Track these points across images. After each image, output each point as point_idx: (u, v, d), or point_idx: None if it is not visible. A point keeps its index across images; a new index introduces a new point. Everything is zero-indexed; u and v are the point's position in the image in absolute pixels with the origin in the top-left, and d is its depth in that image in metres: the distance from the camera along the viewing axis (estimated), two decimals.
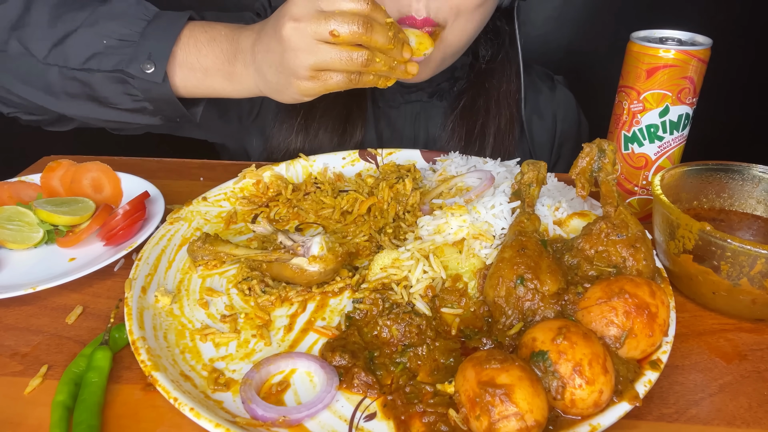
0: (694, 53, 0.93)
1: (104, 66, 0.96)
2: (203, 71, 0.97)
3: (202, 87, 1.00)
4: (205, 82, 0.99)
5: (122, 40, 0.95)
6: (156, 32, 0.96)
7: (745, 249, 0.75)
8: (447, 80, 1.32)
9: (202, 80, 0.98)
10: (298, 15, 0.83)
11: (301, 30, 0.83)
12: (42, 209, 0.99)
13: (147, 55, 0.94)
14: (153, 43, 0.95)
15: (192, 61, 0.97)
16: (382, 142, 1.36)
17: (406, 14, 1.08)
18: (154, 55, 0.95)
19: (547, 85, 1.44)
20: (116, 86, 0.98)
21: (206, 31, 0.98)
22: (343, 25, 0.82)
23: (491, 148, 1.29)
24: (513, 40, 1.31)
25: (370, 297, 0.81)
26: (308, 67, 0.85)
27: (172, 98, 0.99)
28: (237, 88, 0.99)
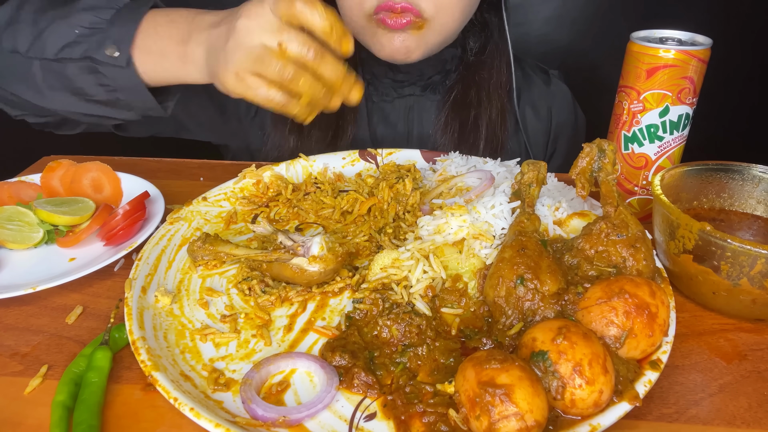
0: (694, 53, 0.93)
1: (75, 54, 0.96)
2: (160, 53, 0.95)
3: (160, 71, 0.97)
4: (162, 65, 0.96)
5: (92, 28, 0.97)
6: (121, 19, 0.97)
7: (745, 249, 0.75)
8: (439, 73, 1.33)
9: (159, 63, 0.96)
10: (256, 14, 0.81)
11: (251, 29, 0.81)
12: (42, 209, 0.99)
13: (112, 41, 0.95)
14: (117, 28, 0.96)
15: (149, 44, 0.96)
16: (377, 136, 1.36)
17: (385, 2, 1.09)
18: (117, 39, 0.95)
19: (541, 78, 1.44)
20: (89, 77, 0.98)
21: (167, 15, 0.97)
22: (293, 42, 0.80)
23: (484, 140, 1.30)
24: (502, 31, 1.32)
25: (370, 297, 0.81)
26: (240, 65, 0.83)
27: (139, 85, 0.98)
28: (190, 71, 0.95)
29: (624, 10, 2.12)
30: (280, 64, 0.80)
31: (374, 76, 1.32)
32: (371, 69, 1.31)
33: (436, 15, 1.12)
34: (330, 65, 0.82)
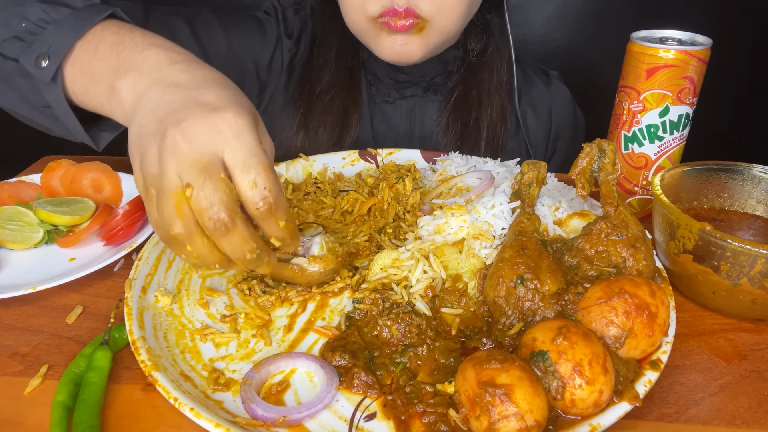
0: (694, 53, 0.93)
1: (11, 52, 0.80)
2: (91, 76, 0.77)
3: (87, 97, 0.79)
4: (89, 91, 0.78)
5: (38, 26, 0.80)
6: (68, 22, 0.79)
7: (745, 249, 0.75)
8: (440, 74, 1.33)
9: (88, 88, 0.78)
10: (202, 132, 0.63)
11: (177, 145, 0.63)
12: (42, 209, 0.99)
13: (47, 47, 0.78)
14: (57, 34, 0.78)
15: (84, 62, 0.77)
16: (378, 137, 1.37)
17: (388, 7, 1.10)
18: (52, 48, 0.77)
19: (541, 79, 1.44)
20: (23, 80, 0.82)
21: (118, 32, 0.77)
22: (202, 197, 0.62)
23: (485, 141, 1.30)
24: (503, 31, 1.32)
25: (370, 297, 0.81)
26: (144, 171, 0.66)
27: (63, 104, 0.80)
28: (114, 109, 0.75)
29: (624, 10, 2.12)
30: (169, 201, 0.63)
31: (376, 77, 1.32)
32: (373, 70, 1.31)
33: (437, 16, 1.12)
34: (234, 244, 0.65)
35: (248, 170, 0.63)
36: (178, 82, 0.69)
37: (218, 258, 0.67)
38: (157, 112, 0.66)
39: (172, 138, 0.63)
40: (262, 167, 0.64)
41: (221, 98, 0.67)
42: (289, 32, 1.34)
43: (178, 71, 0.70)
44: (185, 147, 0.62)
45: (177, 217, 0.63)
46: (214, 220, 0.62)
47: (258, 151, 0.64)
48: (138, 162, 0.67)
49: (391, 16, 1.10)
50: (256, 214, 0.65)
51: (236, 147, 0.63)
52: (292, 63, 1.35)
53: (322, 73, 1.30)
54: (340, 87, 1.29)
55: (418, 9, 1.10)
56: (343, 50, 1.30)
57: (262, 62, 1.32)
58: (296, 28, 1.35)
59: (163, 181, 0.63)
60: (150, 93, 0.68)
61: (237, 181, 0.63)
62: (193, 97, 0.66)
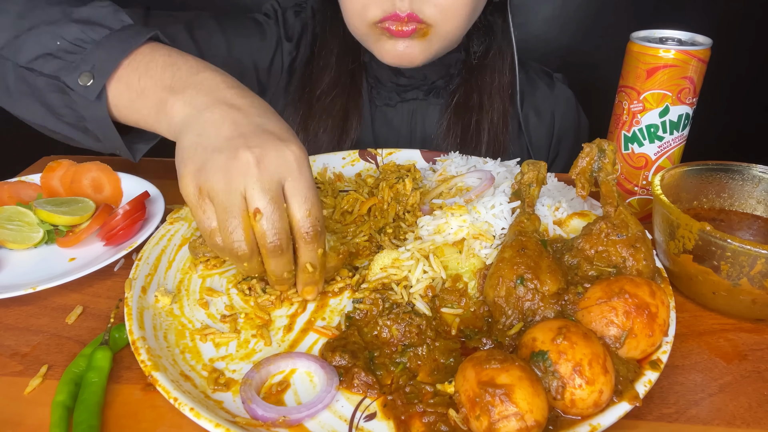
0: (694, 53, 0.93)
1: (47, 68, 0.84)
2: (139, 92, 0.81)
3: (132, 111, 0.83)
4: (135, 105, 0.82)
5: (76, 45, 0.83)
6: (110, 43, 0.82)
7: (745, 249, 0.75)
8: (442, 77, 1.32)
9: (134, 101, 0.81)
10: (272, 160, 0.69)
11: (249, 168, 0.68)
12: (42, 209, 0.99)
13: (90, 66, 0.81)
14: (101, 53, 0.82)
15: (133, 79, 0.81)
16: (379, 140, 1.36)
17: (390, 12, 1.09)
18: (97, 66, 0.81)
19: (545, 82, 1.44)
20: (57, 95, 0.85)
21: (169, 56, 0.82)
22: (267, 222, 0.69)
23: (486, 144, 1.30)
24: (506, 34, 1.32)
25: (370, 297, 0.81)
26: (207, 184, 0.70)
27: (106, 121, 0.84)
28: (161, 122, 0.79)
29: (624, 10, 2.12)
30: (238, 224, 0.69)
31: (377, 80, 1.32)
32: (375, 73, 1.31)
33: (441, 21, 1.11)
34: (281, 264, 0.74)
35: (306, 202, 0.71)
36: (239, 106, 0.74)
37: (261, 271, 0.75)
38: (221, 129, 0.72)
39: (246, 159, 0.68)
40: (316, 200, 0.73)
41: (282, 129, 0.74)
42: (290, 35, 1.34)
43: (236, 95, 0.76)
44: (256, 171, 0.68)
45: (244, 240, 0.70)
46: (275, 245, 0.71)
47: (313, 185, 0.73)
48: (193, 170, 0.71)
49: (393, 21, 1.09)
50: (303, 238, 0.73)
51: (298, 179, 0.71)
52: (292, 65, 1.34)
53: (322, 76, 1.30)
54: (340, 89, 1.29)
55: (421, 14, 1.09)
56: (344, 53, 1.30)
57: (261, 65, 1.32)
58: (296, 30, 1.34)
59: (230, 198, 0.69)
60: (211, 109, 0.73)
61: (293, 209, 0.71)
62: (258, 124, 0.73)
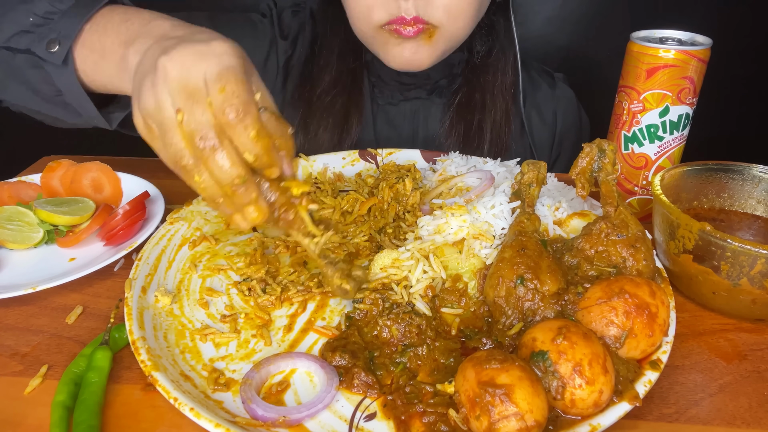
0: (694, 53, 0.93)
1: (21, 44, 0.87)
2: (101, 52, 0.82)
3: (99, 73, 0.84)
4: (101, 66, 0.83)
5: (45, 18, 0.86)
6: (75, 10, 0.85)
7: (745, 249, 0.75)
8: (445, 77, 1.33)
9: (98, 63, 0.83)
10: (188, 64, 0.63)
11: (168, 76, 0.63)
12: (42, 209, 0.99)
13: (56, 34, 0.84)
14: (66, 20, 0.84)
15: (94, 41, 0.83)
16: (381, 139, 1.36)
17: (396, 15, 1.08)
18: (62, 33, 0.84)
19: (546, 82, 1.44)
20: (34, 71, 0.88)
21: (125, 12, 0.82)
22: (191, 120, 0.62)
23: (489, 143, 1.30)
24: (509, 33, 1.32)
25: (370, 297, 0.81)
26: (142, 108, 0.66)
27: (76, 87, 0.86)
28: (124, 80, 0.77)
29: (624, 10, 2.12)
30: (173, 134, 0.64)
31: (380, 79, 1.32)
32: (377, 72, 1.31)
33: (447, 23, 1.11)
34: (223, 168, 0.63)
35: (219, 79, 0.62)
36: (177, 35, 0.71)
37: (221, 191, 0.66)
38: (153, 55, 0.67)
39: (162, 67, 0.63)
40: (233, 76, 0.63)
41: (213, 35, 0.68)
42: (285, 34, 1.34)
43: (179, 30, 0.73)
44: (173, 72, 0.63)
45: (184, 146, 0.63)
46: (204, 141, 0.62)
47: (235, 66, 0.64)
48: (136, 105, 0.67)
49: (399, 24, 1.09)
50: (224, 122, 0.62)
51: (215, 63, 0.63)
52: (287, 64, 1.34)
53: (322, 74, 1.30)
54: (341, 88, 1.29)
55: (427, 16, 1.09)
56: (345, 52, 1.30)
57: (256, 65, 1.32)
58: (293, 29, 1.34)
59: (162, 114, 0.63)
60: (152, 47, 0.70)
61: (210, 93, 0.62)
62: (187, 38, 0.68)
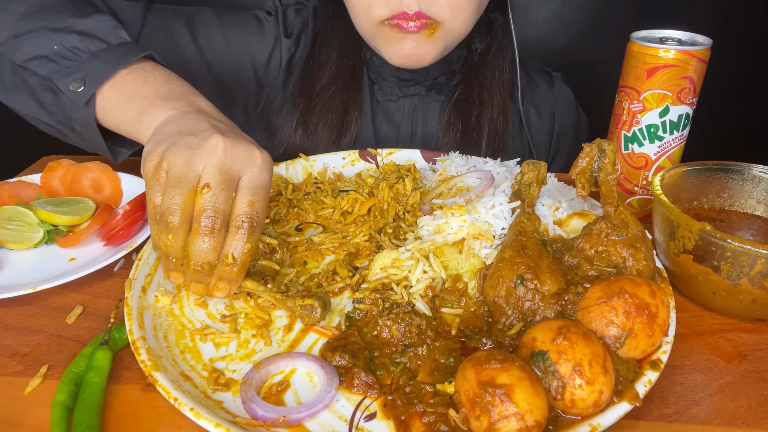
0: (694, 53, 0.93)
1: (41, 70, 0.89)
2: (130, 96, 0.86)
3: (117, 112, 0.88)
4: (122, 107, 0.87)
5: (72, 52, 0.89)
6: (107, 56, 0.89)
7: (745, 249, 0.75)
8: (444, 74, 1.33)
9: (122, 104, 0.87)
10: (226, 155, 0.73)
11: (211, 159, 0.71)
12: (42, 209, 0.99)
13: (84, 74, 0.87)
14: (97, 64, 0.88)
15: (128, 86, 0.87)
16: (380, 136, 1.37)
17: (397, 11, 1.08)
18: (90, 75, 0.87)
19: (544, 80, 1.45)
20: (49, 95, 0.91)
21: (169, 76, 0.89)
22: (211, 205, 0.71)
23: (486, 140, 1.30)
24: (507, 30, 1.32)
25: (370, 297, 0.81)
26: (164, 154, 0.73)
27: (92, 125, 0.91)
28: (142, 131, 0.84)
29: (624, 10, 2.12)
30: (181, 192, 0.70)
31: (379, 76, 1.32)
32: (376, 68, 1.31)
33: (449, 19, 1.11)
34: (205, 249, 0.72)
35: (254, 195, 0.73)
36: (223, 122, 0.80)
37: (178, 252, 0.73)
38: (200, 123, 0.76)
39: (215, 142, 0.72)
40: (264, 198, 0.74)
41: (255, 143, 0.78)
42: (289, 32, 1.34)
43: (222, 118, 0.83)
44: (222, 154, 0.72)
45: (180, 208, 0.70)
46: (209, 222, 0.71)
47: (268, 187, 0.76)
48: (163, 148, 0.73)
49: (402, 19, 1.09)
50: (236, 225, 0.73)
51: (257, 175, 0.74)
52: (291, 62, 1.35)
53: (322, 71, 1.30)
54: (340, 85, 1.30)
55: (429, 12, 1.09)
56: (345, 49, 1.30)
57: (260, 61, 1.33)
58: (296, 27, 1.35)
59: (186, 172, 0.70)
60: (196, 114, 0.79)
61: (239, 197, 0.73)
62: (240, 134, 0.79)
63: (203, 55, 1.26)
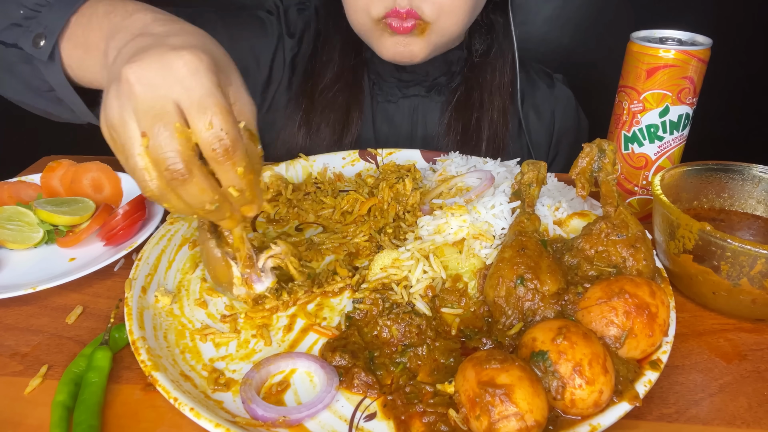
0: (694, 53, 0.93)
1: (10, 39, 0.84)
2: (85, 47, 0.79)
3: (83, 69, 0.81)
4: (84, 62, 0.80)
5: (34, 10, 0.83)
6: (59, 5, 0.82)
7: (745, 249, 0.75)
8: (444, 75, 1.33)
9: (83, 59, 0.80)
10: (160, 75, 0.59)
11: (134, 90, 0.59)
12: (42, 209, 0.99)
13: (43, 28, 0.81)
14: (52, 13, 0.81)
15: (78, 35, 0.80)
16: (380, 136, 1.37)
17: (390, 8, 1.11)
18: (48, 27, 0.81)
19: (545, 83, 1.45)
20: (26, 67, 0.85)
21: (110, 4, 0.78)
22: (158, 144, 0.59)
23: (486, 141, 1.30)
24: (507, 32, 1.33)
25: (370, 297, 0.81)
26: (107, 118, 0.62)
27: (64, 82, 0.83)
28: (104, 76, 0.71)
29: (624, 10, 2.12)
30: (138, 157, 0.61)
31: (379, 76, 1.33)
32: (376, 69, 1.32)
33: (439, 18, 1.13)
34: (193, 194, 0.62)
35: (204, 111, 0.59)
36: (154, 32, 0.66)
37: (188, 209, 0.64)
38: (122, 59, 0.63)
39: (126, 79, 0.59)
40: (219, 108, 0.60)
41: (186, 42, 0.63)
42: (291, 31, 1.35)
43: (158, 25, 0.68)
44: (139, 89, 0.59)
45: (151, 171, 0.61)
46: (171, 170, 0.59)
47: (215, 92, 0.60)
48: (102, 109, 0.63)
49: (394, 17, 1.11)
50: (211, 156, 0.61)
51: (191, 87, 0.59)
52: (294, 61, 1.35)
53: (324, 71, 1.31)
54: (342, 84, 1.30)
55: (419, 11, 1.11)
56: (347, 48, 1.31)
57: (263, 61, 1.33)
58: (299, 27, 1.36)
59: (126, 133, 0.60)
60: (128, 43, 0.66)
61: (192, 124, 0.60)
62: (160, 41, 0.63)
63: None
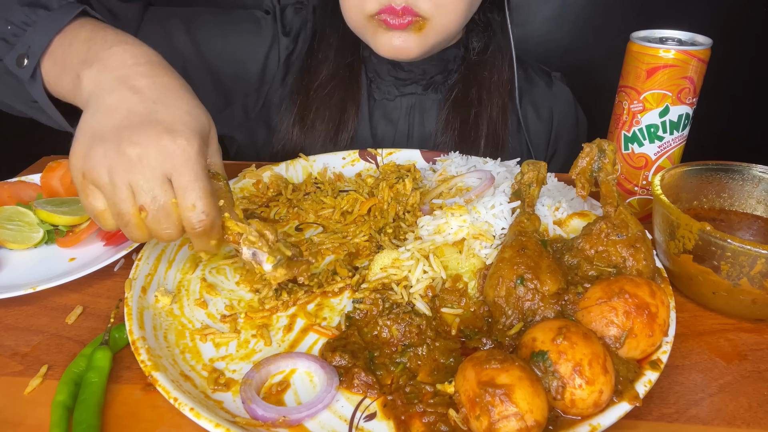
0: (694, 53, 0.93)
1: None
2: (62, 67, 0.82)
3: (58, 86, 0.84)
4: (60, 80, 0.83)
5: (20, 27, 0.85)
6: (45, 23, 0.83)
7: (745, 249, 0.75)
8: (441, 72, 1.33)
9: (59, 77, 0.83)
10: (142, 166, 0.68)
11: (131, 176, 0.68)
12: (42, 209, 0.99)
13: (26, 48, 0.83)
14: (37, 34, 0.83)
15: (58, 55, 0.83)
16: (377, 134, 1.37)
17: (385, 5, 1.10)
18: (32, 48, 0.83)
19: (543, 80, 1.45)
20: (11, 78, 0.87)
21: (92, 31, 0.82)
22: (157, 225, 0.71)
23: (485, 139, 1.30)
24: (504, 30, 1.33)
25: (370, 297, 0.81)
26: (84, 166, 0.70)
27: (46, 99, 0.86)
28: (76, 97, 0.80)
29: (624, 10, 2.12)
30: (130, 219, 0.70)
31: (376, 74, 1.33)
32: (374, 67, 1.32)
33: (436, 15, 1.12)
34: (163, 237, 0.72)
35: (189, 194, 0.69)
36: (139, 88, 0.73)
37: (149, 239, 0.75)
38: (114, 115, 0.71)
39: (128, 156, 0.68)
40: (203, 192, 0.70)
41: (176, 119, 0.71)
42: (287, 30, 1.35)
43: (140, 75, 0.74)
44: (139, 169, 0.68)
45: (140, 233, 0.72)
46: (168, 237, 0.72)
47: (201, 177, 0.70)
48: (80, 153, 0.70)
49: (389, 14, 1.11)
50: (192, 233, 0.72)
51: (183, 173, 0.69)
52: (288, 60, 1.35)
53: (320, 68, 1.31)
54: (338, 82, 1.30)
55: (416, 8, 1.10)
56: (343, 46, 1.31)
57: (258, 60, 1.33)
58: (295, 26, 1.36)
59: (117, 193, 0.69)
60: (110, 92, 0.73)
61: (179, 202, 0.70)
62: (151, 112, 0.71)
63: (201, 54, 1.26)
